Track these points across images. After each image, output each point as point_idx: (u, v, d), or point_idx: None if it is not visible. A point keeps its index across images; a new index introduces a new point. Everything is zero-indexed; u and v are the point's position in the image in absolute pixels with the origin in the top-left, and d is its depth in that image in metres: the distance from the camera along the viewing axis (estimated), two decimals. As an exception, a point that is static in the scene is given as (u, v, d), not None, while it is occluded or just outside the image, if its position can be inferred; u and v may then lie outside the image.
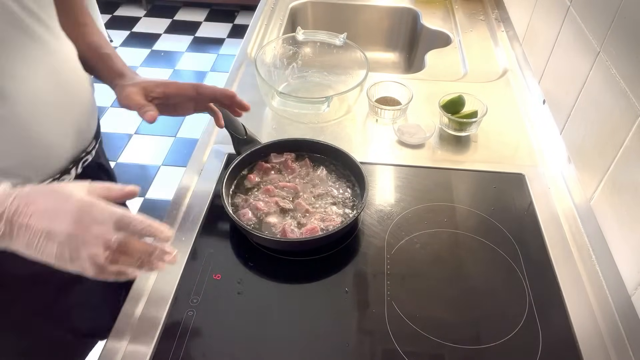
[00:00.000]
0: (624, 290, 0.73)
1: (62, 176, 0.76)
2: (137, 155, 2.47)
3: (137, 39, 3.34)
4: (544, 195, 0.92)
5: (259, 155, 0.92)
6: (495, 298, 0.76)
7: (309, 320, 0.72)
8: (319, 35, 1.22)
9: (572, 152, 0.94)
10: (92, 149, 0.83)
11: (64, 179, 0.76)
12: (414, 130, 1.04)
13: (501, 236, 0.84)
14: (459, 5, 1.53)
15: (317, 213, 0.83)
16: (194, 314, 0.72)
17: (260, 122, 1.08)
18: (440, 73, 1.25)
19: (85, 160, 0.81)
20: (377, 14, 1.57)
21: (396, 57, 1.62)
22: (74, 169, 0.78)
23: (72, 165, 0.78)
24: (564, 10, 1.00)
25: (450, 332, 0.71)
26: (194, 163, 0.98)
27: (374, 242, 0.83)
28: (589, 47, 0.89)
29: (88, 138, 0.82)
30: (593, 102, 0.87)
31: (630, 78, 0.76)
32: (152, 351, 0.67)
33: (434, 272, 0.79)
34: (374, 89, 1.11)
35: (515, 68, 1.25)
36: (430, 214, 0.88)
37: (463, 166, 0.98)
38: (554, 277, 0.78)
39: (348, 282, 0.77)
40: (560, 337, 0.71)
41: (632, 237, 0.73)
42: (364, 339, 0.70)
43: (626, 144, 0.76)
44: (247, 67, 1.24)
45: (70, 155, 0.77)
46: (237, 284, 0.76)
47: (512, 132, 1.06)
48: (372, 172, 0.95)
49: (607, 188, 0.81)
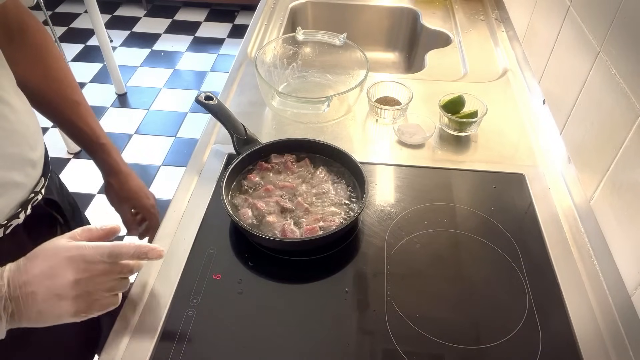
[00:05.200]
0: (624, 290, 0.73)
1: (11, 221, 0.69)
2: (137, 155, 2.47)
3: (137, 39, 3.34)
4: (544, 195, 0.92)
5: (259, 155, 0.92)
6: (495, 298, 0.76)
7: (309, 320, 0.72)
8: (319, 35, 1.22)
9: (572, 152, 0.94)
10: (41, 188, 0.75)
11: (11, 224, 0.69)
12: (414, 130, 1.04)
13: (501, 236, 0.84)
14: (459, 5, 1.53)
15: (317, 213, 0.83)
16: (194, 314, 0.72)
17: (260, 122, 1.08)
18: (440, 73, 1.25)
19: (34, 201, 0.73)
20: (377, 14, 1.57)
21: (396, 57, 1.62)
22: (22, 212, 0.70)
23: (21, 209, 0.70)
24: (564, 10, 1.00)
25: (450, 332, 0.71)
26: (194, 163, 0.98)
27: (374, 242, 0.83)
28: (589, 47, 0.89)
29: (35, 178, 0.74)
30: (593, 102, 0.87)
31: (630, 78, 0.76)
32: (152, 351, 0.67)
33: (434, 272, 0.79)
34: (374, 89, 1.11)
35: (515, 68, 1.25)
36: (431, 214, 0.88)
37: (463, 166, 0.98)
38: (554, 277, 0.78)
39: (348, 282, 0.77)
40: (560, 337, 0.71)
41: (632, 237, 0.73)
42: (364, 339, 0.70)
43: (626, 144, 0.76)
44: (247, 67, 1.24)
45: (16, 202, 0.69)
46: (237, 284, 0.76)
47: (512, 132, 1.06)
48: (372, 172, 0.95)
49: (607, 188, 0.81)
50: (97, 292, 0.58)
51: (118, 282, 0.61)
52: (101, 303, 0.59)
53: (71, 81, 0.89)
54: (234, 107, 1.10)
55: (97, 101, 2.79)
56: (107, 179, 0.97)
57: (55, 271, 0.55)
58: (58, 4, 3.64)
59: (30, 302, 0.55)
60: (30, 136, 0.71)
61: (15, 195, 0.69)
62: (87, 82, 2.93)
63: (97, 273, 0.58)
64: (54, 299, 0.55)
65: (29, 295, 0.55)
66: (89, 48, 3.22)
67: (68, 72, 0.89)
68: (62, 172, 2.35)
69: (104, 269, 0.58)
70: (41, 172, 0.76)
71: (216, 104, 0.94)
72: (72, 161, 2.41)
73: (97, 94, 2.84)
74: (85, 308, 0.57)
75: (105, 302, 0.60)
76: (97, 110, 2.73)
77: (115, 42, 3.27)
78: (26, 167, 0.71)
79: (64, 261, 0.56)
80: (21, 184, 0.70)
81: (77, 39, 3.29)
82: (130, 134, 2.59)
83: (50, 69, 0.85)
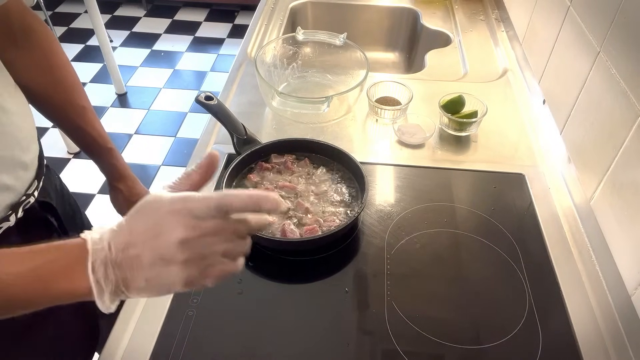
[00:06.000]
0: (624, 290, 0.73)
1: (1, 224, 0.67)
2: (137, 155, 2.47)
3: (137, 39, 3.34)
4: (544, 195, 0.92)
5: (259, 155, 0.92)
6: (495, 298, 0.76)
7: (309, 320, 0.72)
8: (319, 35, 1.22)
9: (572, 152, 0.94)
10: (33, 190, 0.73)
11: (2, 226, 0.67)
12: (414, 130, 1.04)
13: (501, 236, 0.84)
14: (459, 5, 1.53)
15: (317, 213, 0.83)
16: (194, 314, 0.72)
17: (260, 122, 1.08)
18: (440, 73, 1.25)
19: (27, 203, 0.71)
20: (377, 14, 1.57)
21: (396, 57, 1.62)
22: (12, 215, 0.68)
23: (11, 212, 0.68)
24: (564, 10, 1.00)
25: (450, 332, 0.71)
26: (194, 163, 0.97)
27: (374, 242, 0.83)
28: (589, 47, 0.89)
29: (27, 180, 0.72)
30: (593, 102, 0.87)
31: (630, 78, 0.76)
32: (152, 351, 0.67)
33: (434, 272, 0.79)
34: (374, 89, 1.11)
35: (515, 68, 1.25)
36: (430, 214, 0.88)
37: (463, 166, 0.98)
38: (554, 277, 0.78)
39: (348, 282, 0.77)
40: (560, 337, 0.71)
41: (632, 237, 0.73)
42: (364, 339, 0.70)
43: (626, 144, 0.76)
44: (247, 67, 1.24)
45: (5, 205, 0.68)
46: (237, 284, 0.76)
47: (512, 132, 1.06)
48: (372, 172, 0.95)
49: (607, 188, 0.81)
50: (210, 255, 0.48)
51: (235, 244, 0.50)
52: (216, 269, 0.48)
53: (78, 86, 0.89)
54: (234, 107, 1.10)
55: (97, 101, 2.79)
56: (114, 184, 0.96)
57: (160, 229, 0.46)
58: (58, 4, 3.64)
59: (135, 268, 0.46)
60: (22, 138, 0.70)
61: (4, 197, 0.67)
62: (87, 82, 2.93)
63: (208, 231, 0.47)
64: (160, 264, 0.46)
65: (134, 260, 0.45)
66: (89, 48, 3.22)
67: (75, 78, 0.88)
68: (62, 172, 2.35)
69: (215, 226, 0.47)
70: (34, 175, 0.74)
71: (216, 104, 0.94)
72: (72, 161, 2.41)
73: (97, 94, 2.84)
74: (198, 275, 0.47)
75: (221, 267, 0.49)
76: (97, 111, 2.69)
77: (115, 42, 3.27)
78: (17, 170, 0.69)
79: (168, 216, 0.46)
80: (11, 186, 0.68)
81: (77, 39, 3.29)
82: (130, 134, 2.59)
83: (57, 74, 0.85)
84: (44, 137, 2.45)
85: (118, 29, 3.42)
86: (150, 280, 0.46)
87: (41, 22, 0.82)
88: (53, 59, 0.84)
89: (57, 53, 0.85)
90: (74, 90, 0.88)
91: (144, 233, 0.46)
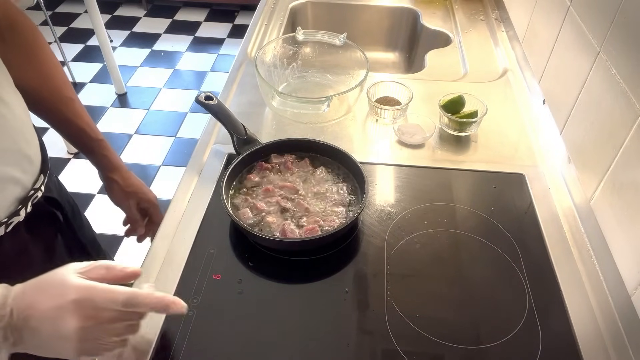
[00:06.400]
0: (624, 290, 0.73)
1: (11, 218, 0.70)
2: (137, 155, 2.47)
3: (137, 39, 3.34)
4: (544, 195, 0.92)
5: (259, 155, 0.92)
6: (495, 298, 0.76)
7: (309, 320, 0.72)
8: (319, 35, 1.22)
9: (572, 152, 0.94)
10: (40, 185, 0.75)
11: (12, 221, 0.70)
12: (414, 130, 1.04)
13: (501, 236, 0.84)
14: (459, 5, 1.53)
15: (317, 213, 0.83)
16: (194, 314, 0.72)
17: (260, 122, 1.08)
18: (440, 73, 1.25)
19: (35, 198, 0.74)
20: (377, 14, 1.57)
21: (396, 57, 1.62)
22: (22, 209, 0.71)
23: (21, 206, 0.71)
24: (564, 10, 1.00)
25: (450, 332, 0.71)
26: (194, 163, 0.98)
27: (374, 242, 0.83)
28: (589, 47, 0.89)
29: (33, 174, 0.74)
30: (593, 102, 0.87)
31: (630, 78, 0.76)
32: (152, 351, 0.67)
33: (434, 272, 0.79)
34: (374, 89, 1.11)
35: (515, 68, 1.25)
36: (430, 214, 0.88)
37: (463, 166, 0.98)
38: (554, 277, 0.78)
39: (348, 282, 0.77)
40: (560, 337, 0.71)
41: (632, 237, 0.73)
42: (364, 339, 0.70)
43: (626, 144, 0.76)
44: (247, 67, 1.24)
45: (14, 199, 0.70)
46: (237, 284, 0.76)
47: (512, 132, 1.06)
48: (372, 172, 0.95)
49: (607, 188, 0.81)
50: (103, 337, 0.54)
51: (127, 328, 0.56)
52: (107, 348, 0.55)
53: (64, 78, 0.89)
54: (234, 107, 1.10)
55: (97, 101, 2.79)
56: (108, 176, 0.95)
57: (60, 313, 0.51)
58: (58, 4, 3.64)
59: (31, 336, 0.52)
60: (26, 132, 0.71)
61: (13, 191, 0.69)
62: (87, 82, 2.94)
63: (105, 320, 0.53)
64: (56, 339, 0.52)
65: (32, 330, 0.52)
66: (89, 48, 3.22)
67: (60, 70, 0.88)
68: (62, 172, 2.35)
69: (113, 316, 0.54)
70: (39, 169, 0.76)
71: (216, 104, 0.94)
72: (72, 161, 2.41)
73: (97, 94, 2.84)
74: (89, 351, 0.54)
75: (111, 347, 0.55)
76: (97, 110, 2.73)
77: (115, 42, 3.27)
78: (23, 162, 0.71)
79: (70, 305, 0.51)
80: (19, 179, 0.70)
81: (77, 39, 3.29)
82: (130, 134, 2.59)
83: (43, 67, 0.85)
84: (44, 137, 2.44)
85: (118, 29, 3.42)
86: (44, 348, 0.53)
87: (25, 16, 0.82)
88: (39, 53, 0.84)
89: (43, 46, 0.85)
90: (61, 82, 0.87)
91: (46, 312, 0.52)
